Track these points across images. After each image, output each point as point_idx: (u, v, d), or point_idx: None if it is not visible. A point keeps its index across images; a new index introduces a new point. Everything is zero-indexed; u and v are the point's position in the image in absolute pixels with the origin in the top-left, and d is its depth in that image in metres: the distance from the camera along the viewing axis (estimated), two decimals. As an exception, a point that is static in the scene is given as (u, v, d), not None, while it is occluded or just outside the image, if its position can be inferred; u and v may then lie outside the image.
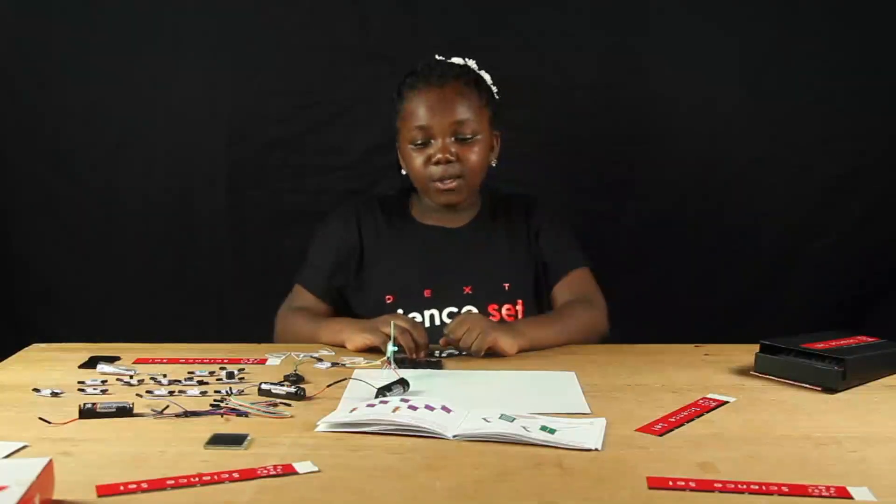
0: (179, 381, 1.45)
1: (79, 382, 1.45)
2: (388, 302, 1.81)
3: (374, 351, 1.63)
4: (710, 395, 1.38)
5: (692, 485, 1.03)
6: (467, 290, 1.81)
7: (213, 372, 1.50)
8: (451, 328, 1.62)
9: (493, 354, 1.61)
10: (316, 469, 1.08)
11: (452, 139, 1.79)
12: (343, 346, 1.69)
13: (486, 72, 1.88)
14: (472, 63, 1.88)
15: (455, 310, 1.79)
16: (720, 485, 1.03)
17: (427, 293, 1.81)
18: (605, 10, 2.30)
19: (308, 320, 1.81)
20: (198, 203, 2.36)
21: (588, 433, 1.18)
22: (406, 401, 1.27)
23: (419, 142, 1.80)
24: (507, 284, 1.82)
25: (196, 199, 2.36)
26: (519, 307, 1.82)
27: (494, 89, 1.89)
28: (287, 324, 1.85)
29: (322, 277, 1.88)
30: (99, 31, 2.30)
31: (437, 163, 1.78)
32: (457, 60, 1.87)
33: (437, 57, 1.88)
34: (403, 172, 1.87)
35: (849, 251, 2.33)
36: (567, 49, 2.31)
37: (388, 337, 1.54)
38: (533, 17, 2.30)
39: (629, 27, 2.30)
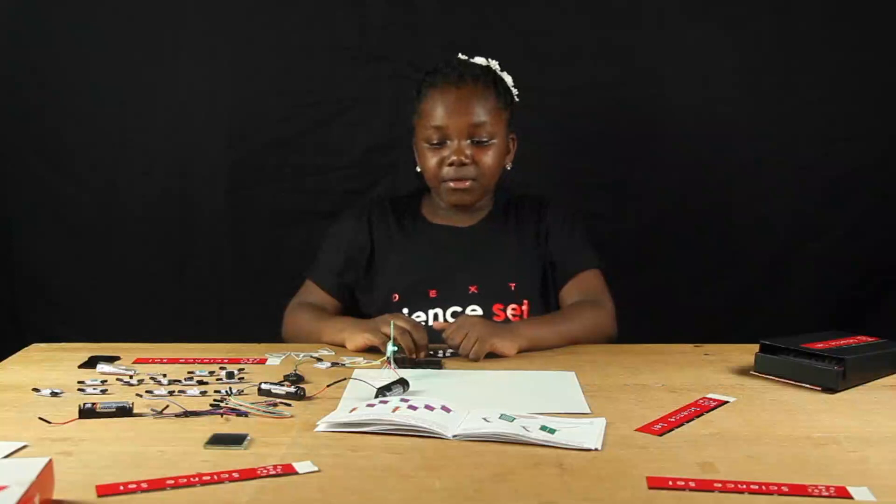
0: (179, 381, 1.45)
1: (79, 382, 1.45)
2: (395, 300, 1.81)
3: (374, 351, 1.63)
4: (710, 395, 1.38)
5: (692, 485, 1.03)
6: (473, 289, 1.80)
7: (213, 372, 1.50)
8: (449, 334, 1.61)
9: (492, 355, 1.61)
10: (316, 469, 1.08)
11: (468, 141, 1.79)
12: (344, 346, 1.69)
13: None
14: (494, 64, 1.88)
15: (459, 309, 1.79)
16: (720, 485, 1.03)
17: (432, 293, 1.81)
18: (605, 10, 2.30)
19: (313, 317, 1.82)
20: (198, 203, 2.36)
21: (588, 433, 1.18)
22: (406, 401, 1.27)
23: (434, 142, 1.80)
24: (513, 284, 1.82)
25: (196, 199, 2.36)
26: (525, 307, 1.81)
27: (515, 92, 1.89)
28: (294, 318, 1.86)
29: (332, 274, 1.89)
30: (99, 31, 2.30)
31: (452, 164, 1.79)
32: (479, 60, 1.87)
33: (459, 56, 1.88)
34: (418, 169, 1.88)
35: (849, 251, 2.33)
36: (567, 49, 2.30)
37: (388, 337, 1.55)
38: (533, 17, 2.29)
39: (629, 27, 2.30)
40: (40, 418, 1.25)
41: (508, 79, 1.89)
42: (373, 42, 2.30)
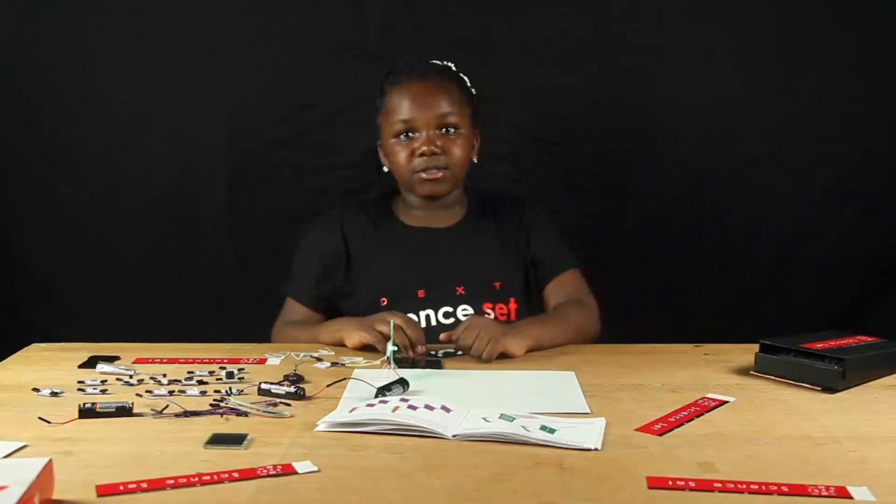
0: (179, 381, 1.45)
1: (79, 382, 1.45)
2: (383, 305, 1.81)
3: (373, 350, 1.63)
4: (709, 395, 1.38)
5: (692, 485, 1.03)
6: (460, 290, 1.80)
7: (213, 372, 1.50)
8: (461, 335, 1.61)
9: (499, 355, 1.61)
10: (315, 469, 1.08)
11: (437, 132, 1.80)
12: (343, 345, 1.69)
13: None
14: (451, 66, 1.90)
15: (450, 309, 1.79)
16: (720, 484, 1.03)
17: (421, 293, 1.81)
18: (605, 10, 2.30)
19: (304, 329, 1.83)
20: (198, 203, 2.36)
21: (588, 433, 1.18)
22: (406, 400, 1.27)
23: (403, 135, 1.81)
24: (497, 283, 1.82)
25: (196, 198, 2.35)
26: (511, 306, 1.82)
27: (473, 91, 1.90)
28: (283, 335, 1.86)
29: (311, 287, 1.88)
30: (99, 31, 2.30)
31: (422, 154, 1.79)
32: (435, 62, 1.90)
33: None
34: (385, 170, 1.88)
35: (849, 251, 2.33)
36: (567, 49, 2.30)
37: (384, 336, 1.55)
38: (533, 17, 2.29)
39: (629, 27, 2.30)
40: (40, 418, 1.25)
41: (466, 80, 1.90)
42: (373, 42, 2.30)
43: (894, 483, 1.05)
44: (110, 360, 1.58)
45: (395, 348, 1.52)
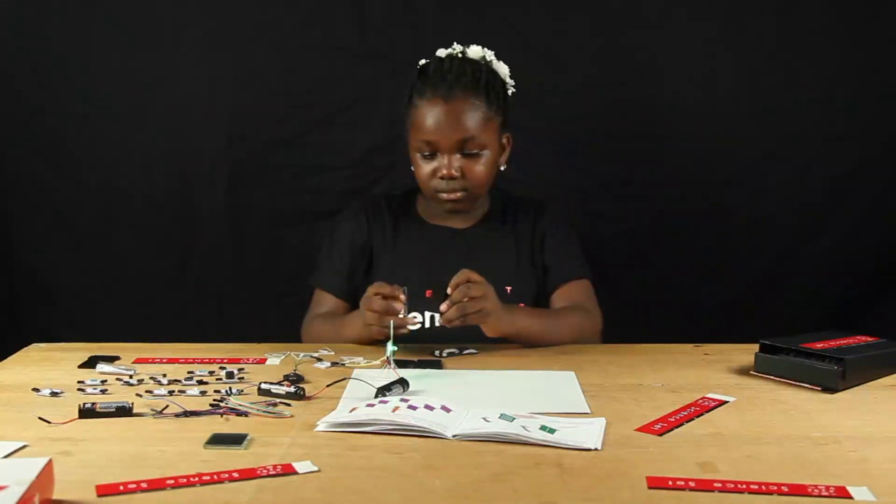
0: (179, 381, 1.45)
1: (78, 382, 1.44)
2: None
3: (373, 352, 1.63)
4: (709, 395, 1.38)
5: (692, 485, 1.03)
6: None
7: (213, 372, 1.50)
8: (464, 281, 1.59)
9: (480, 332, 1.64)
10: (316, 469, 1.08)
11: (458, 155, 1.77)
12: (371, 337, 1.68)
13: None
14: (489, 54, 1.84)
15: None
16: (720, 485, 1.03)
17: (428, 293, 1.80)
18: (605, 10, 2.30)
19: (332, 322, 1.82)
20: (198, 203, 2.36)
21: (588, 433, 1.18)
22: (406, 400, 1.27)
23: (426, 153, 1.79)
24: (509, 288, 1.81)
25: (196, 199, 2.36)
26: None
27: (511, 83, 1.86)
28: (312, 330, 1.86)
29: (341, 278, 1.88)
30: (99, 31, 2.30)
31: (442, 178, 1.78)
32: (474, 51, 1.83)
33: (453, 49, 1.83)
34: (412, 167, 1.87)
35: (849, 251, 2.33)
36: (567, 49, 2.31)
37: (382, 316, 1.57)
38: (533, 17, 2.30)
39: (629, 27, 2.30)
40: (40, 418, 1.25)
41: (504, 69, 1.85)
42: (373, 42, 2.30)
43: (894, 483, 1.05)
44: (110, 360, 1.57)
45: (395, 348, 1.52)
